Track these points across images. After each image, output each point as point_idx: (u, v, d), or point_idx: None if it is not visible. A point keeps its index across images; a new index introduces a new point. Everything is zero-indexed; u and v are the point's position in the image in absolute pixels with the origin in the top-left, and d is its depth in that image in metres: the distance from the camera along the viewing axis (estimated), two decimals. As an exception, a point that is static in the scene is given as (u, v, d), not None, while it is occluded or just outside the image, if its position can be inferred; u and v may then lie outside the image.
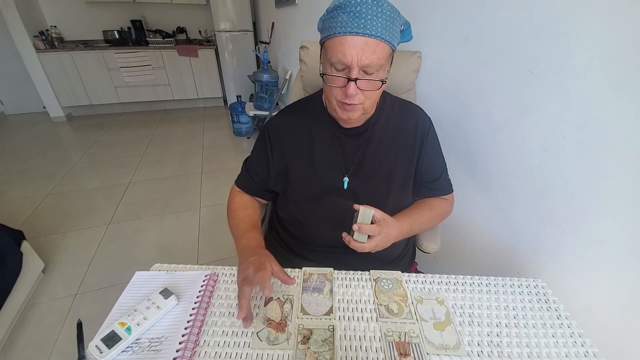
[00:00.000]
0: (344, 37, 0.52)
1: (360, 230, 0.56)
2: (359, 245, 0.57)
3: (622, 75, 0.52)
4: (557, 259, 0.69)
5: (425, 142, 0.72)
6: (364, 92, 0.57)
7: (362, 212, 0.56)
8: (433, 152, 0.74)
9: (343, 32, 0.52)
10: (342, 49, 0.53)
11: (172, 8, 3.84)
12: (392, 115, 0.72)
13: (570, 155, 0.63)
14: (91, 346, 0.46)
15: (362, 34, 0.51)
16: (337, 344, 0.50)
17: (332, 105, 0.62)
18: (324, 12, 0.58)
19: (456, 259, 1.04)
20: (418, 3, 0.99)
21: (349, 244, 0.58)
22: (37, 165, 2.57)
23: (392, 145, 0.71)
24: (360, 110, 0.61)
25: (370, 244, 0.58)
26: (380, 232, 0.58)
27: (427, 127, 0.72)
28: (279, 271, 0.56)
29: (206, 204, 2.10)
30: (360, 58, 0.53)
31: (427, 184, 0.75)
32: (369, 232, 0.57)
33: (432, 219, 0.75)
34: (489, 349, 0.50)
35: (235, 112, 3.11)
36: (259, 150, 0.75)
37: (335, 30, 0.53)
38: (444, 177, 0.77)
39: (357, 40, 0.52)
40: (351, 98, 0.57)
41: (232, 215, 0.73)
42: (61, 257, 1.63)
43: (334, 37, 0.54)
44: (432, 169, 0.75)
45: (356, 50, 0.52)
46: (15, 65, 3.30)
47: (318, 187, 0.70)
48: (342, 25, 0.52)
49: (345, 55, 0.53)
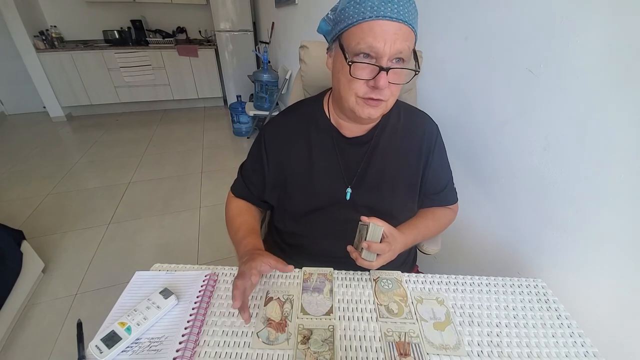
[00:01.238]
0: (375, 21, 0.48)
1: (369, 249, 0.54)
2: (367, 264, 0.56)
3: (622, 75, 0.52)
4: (557, 259, 0.69)
5: (432, 152, 0.69)
6: (390, 87, 0.53)
7: (372, 230, 0.54)
8: (439, 163, 0.71)
9: (375, 15, 0.47)
10: (373, 34, 0.48)
11: (172, 8, 3.84)
12: (399, 122, 0.68)
13: (570, 155, 0.63)
14: (91, 346, 0.46)
15: (395, 19, 0.47)
16: (337, 344, 0.50)
17: (349, 103, 0.56)
18: (327, 11, 0.56)
19: (456, 259, 1.04)
20: (418, 3, 0.99)
21: (356, 261, 0.56)
22: (37, 165, 2.57)
23: (398, 155, 0.67)
24: (383, 108, 0.56)
25: (379, 261, 0.56)
26: (389, 250, 0.56)
27: (434, 137, 0.69)
28: (275, 262, 0.55)
29: (206, 204, 2.10)
30: (394, 44, 0.48)
31: (431, 195, 0.73)
32: (379, 251, 0.55)
33: (436, 229, 0.74)
34: (489, 349, 0.50)
35: (235, 112, 3.11)
36: (255, 157, 0.71)
37: (364, 15, 0.48)
38: (449, 188, 0.75)
39: (391, 25, 0.48)
40: (380, 92, 0.52)
41: (230, 223, 0.71)
42: (61, 257, 1.63)
43: (362, 22, 0.48)
44: (438, 180, 0.72)
45: (390, 35, 0.48)
46: (15, 65, 3.30)
47: (318, 199, 0.67)
48: (372, 10, 0.47)
49: (376, 39, 0.48)
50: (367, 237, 0.54)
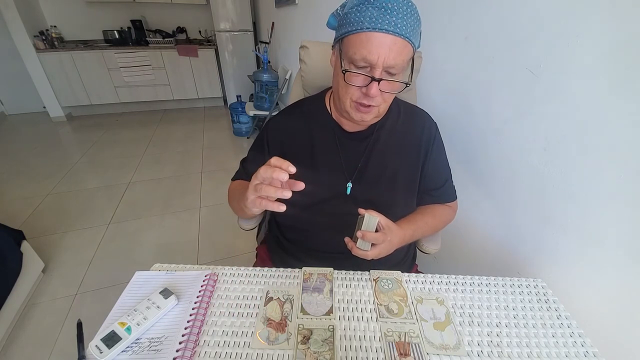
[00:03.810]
0: (372, 33, 0.49)
1: (364, 238, 0.55)
2: (362, 253, 0.57)
3: (622, 75, 0.52)
4: (557, 259, 0.69)
5: (431, 149, 0.70)
6: (382, 95, 0.55)
7: (367, 220, 0.55)
8: (438, 159, 0.73)
9: (372, 27, 0.49)
10: (369, 46, 0.50)
11: (172, 8, 3.84)
12: (398, 119, 0.70)
13: (570, 155, 0.63)
14: (91, 346, 0.46)
15: (392, 32, 0.49)
16: (337, 344, 0.50)
17: (345, 105, 0.59)
18: (337, 7, 0.56)
19: (456, 259, 1.04)
20: (418, 3, 0.99)
21: (352, 250, 0.57)
22: (37, 165, 2.57)
23: (398, 151, 0.69)
24: (375, 113, 0.59)
25: (374, 251, 0.57)
26: (384, 241, 0.57)
27: (433, 134, 0.71)
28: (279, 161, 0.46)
29: (206, 204, 2.10)
30: (387, 57, 0.50)
31: (430, 191, 0.74)
32: (373, 240, 0.56)
33: (435, 226, 0.74)
34: (489, 349, 0.50)
35: (235, 112, 3.11)
36: (257, 150, 0.73)
37: (362, 25, 0.49)
38: (448, 185, 0.76)
39: (387, 38, 0.49)
40: (371, 99, 0.55)
41: (232, 195, 0.72)
42: (61, 257, 1.63)
43: (360, 32, 0.50)
44: (437, 177, 0.73)
45: (384, 49, 0.50)
46: (15, 65, 3.30)
47: (319, 193, 0.68)
48: (370, 21, 0.49)
49: (371, 52, 0.50)
50: (362, 227, 0.56)
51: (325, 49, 0.80)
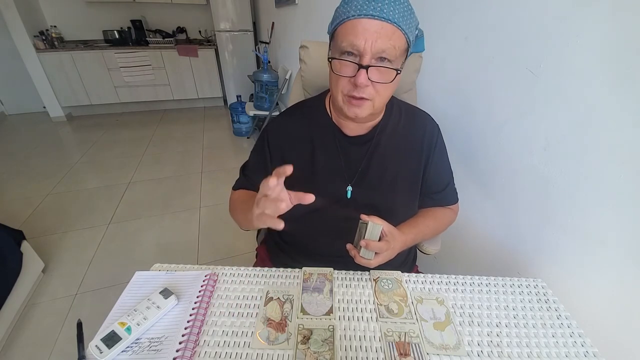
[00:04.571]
0: (357, 19, 0.48)
1: (367, 247, 0.55)
2: (365, 262, 0.56)
3: (622, 75, 0.52)
4: (557, 259, 0.69)
5: (432, 152, 0.69)
6: (375, 86, 0.53)
7: (371, 228, 0.54)
8: (440, 163, 0.72)
9: (358, 14, 0.48)
10: (355, 32, 0.49)
11: (172, 8, 3.84)
12: (400, 121, 0.69)
13: (570, 155, 0.63)
14: (91, 346, 0.46)
15: (378, 17, 0.47)
16: (337, 344, 0.50)
17: (338, 101, 0.57)
18: (326, 11, 0.56)
19: (456, 259, 1.04)
20: (418, 3, 0.99)
21: (354, 259, 0.56)
22: (37, 165, 2.57)
23: (399, 154, 0.67)
24: (370, 108, 0.56)
25: (377, 260, 0.56)
26: (387, 249, 0.56)
27: (435, 137, 0.70)
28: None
29: (206, 204, 2.10)
30: (375, 42, 0.48)
31: (432, 194, 0.73)
32: (377, 249, 0.55)
33: (436, 229, 0.74)
34: (489, 349, 0.50)
35: (235, 112, 3.11)
36: (258, 154, 0.72)
37: (348, 14, 0.49)
38: (449, 188, 0.75)
39: (373, 23, 0.48)
40: (360, 90, 0.52)
41: (234, 208, 0.71)
42: (61, 257, 1.63)
43: (347, 21, 0.50)
44: (439, 180, 0.73)
45: (370, 33, 0.48)
46: (15, 65, 3.30)
47: (319, 197, 0.68)
48: (356, 8, 0.48)
49: (357, 37, 0.49)
50: (366, 236, 0.55)
51: (326, 49, 0.79)
